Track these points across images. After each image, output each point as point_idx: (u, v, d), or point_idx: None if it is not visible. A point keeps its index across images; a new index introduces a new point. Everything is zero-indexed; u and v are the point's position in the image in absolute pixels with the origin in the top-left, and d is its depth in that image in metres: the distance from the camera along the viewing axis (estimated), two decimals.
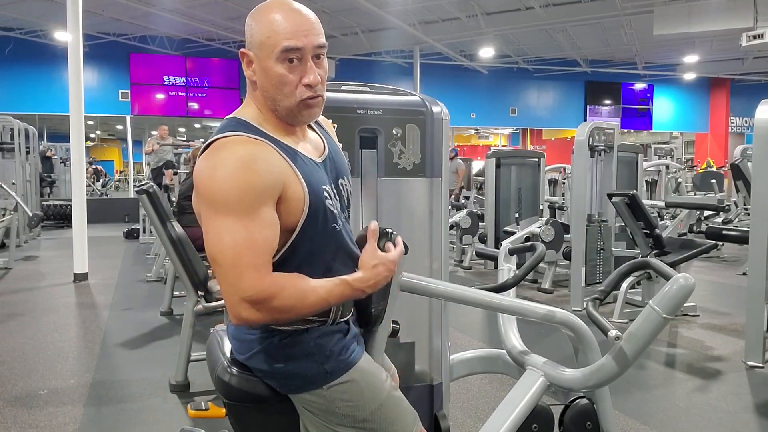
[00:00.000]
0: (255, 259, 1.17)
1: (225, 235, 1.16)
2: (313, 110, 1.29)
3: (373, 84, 2.11)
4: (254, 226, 1.17)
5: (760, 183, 3.64)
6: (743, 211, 8.07)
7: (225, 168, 1.17)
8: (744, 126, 19.13)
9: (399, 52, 15.44)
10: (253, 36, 1.25)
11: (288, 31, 1.21)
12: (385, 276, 1.31)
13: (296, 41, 1.22)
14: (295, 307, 1.21)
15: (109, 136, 25.69)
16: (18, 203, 7.57)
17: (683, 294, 1.50)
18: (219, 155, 1.20)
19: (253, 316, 1.18)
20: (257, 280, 1.16)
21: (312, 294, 1.22)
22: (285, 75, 1.23)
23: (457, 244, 7.59)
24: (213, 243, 1.18)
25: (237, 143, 1.21)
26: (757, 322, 3.62)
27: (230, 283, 1.17)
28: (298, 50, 1.22)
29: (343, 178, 1.41)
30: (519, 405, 1.77)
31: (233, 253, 1.16)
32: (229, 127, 1.26)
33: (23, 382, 3.43)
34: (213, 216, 1.18)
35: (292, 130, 1.32)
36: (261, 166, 1.18)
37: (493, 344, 2.77)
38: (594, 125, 5.29)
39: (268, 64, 1.24)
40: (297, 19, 1.23)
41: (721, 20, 10.11)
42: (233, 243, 1.16)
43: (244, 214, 1.16)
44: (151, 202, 3.46)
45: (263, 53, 1.24)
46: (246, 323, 1.21)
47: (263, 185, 1.18)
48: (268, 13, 1.25)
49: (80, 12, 6.45)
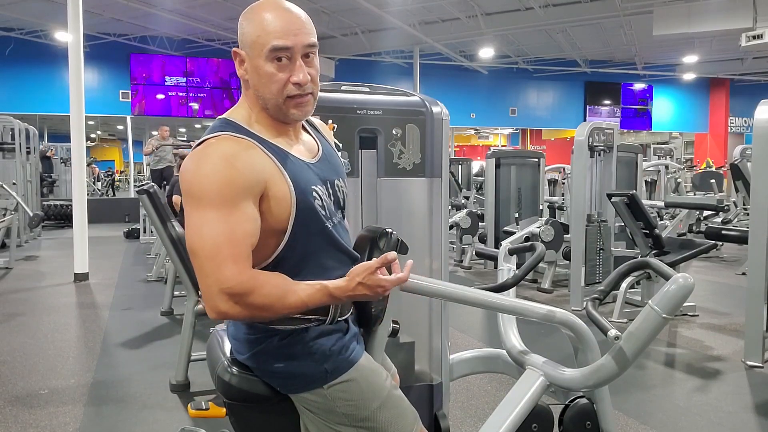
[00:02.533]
0: (234, 251, 1.18)
1: (204, 227, 1.18)
2: (303, 108, 1.30)
3: (373, 84, 2.11)
4: (234, 220, 1.18)
5: (760, 183, 3.64)
6: (742, 211, 8.07)
7: (207, 164, 1.20)
8: (743, 126, 19.13)
9: (399, 53, 15.44)
10: (245, 35, 1.28)
11: (278, 30, 1.23)
12: (364, 294, 1.26)
13: (285, 40, 1.24)
14: (273, 306, 1.21)
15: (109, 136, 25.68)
16: (18, 203, 7.58)
17: (683, 294, 1.50)
18: (203, 152, 1.23)
19: (230, 309, 1.19)
20: (236, 272, 1.17)
21: (292, 296, 1.22)
22: (274, 74, 1.25)
23: (457, 244, 7.59)
24: (192, 235, 1.19)
25: (221, 141, 1.24)
26: (756, 322, 3.62)
27: (208, 274, 1.18)
28: (287, 49, 1.24)
29: (339, 179, 1.42)
30: (519, 405, 1.77)
31: (212, 244, 1.17)
32: (217, 127, 1.28)
33: (24, 381, 3.44)
34: (194, 209, 1.20)
35: (284, 130, 1.33)
36: (243, 163, 1.20)
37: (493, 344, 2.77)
38: (594, 125, 5.29)
39: (258, 63, 1.26)
40: (287, 18, 1.25)
41: (720, 20, 10.11)
42: (213, 235, 1.17)
43: (224, 207, 1.18)
44: (152, 202, 3.47)
45: (254, 52, 1.26)
46: (222, 317, 1.21)
47: (244, 181, 1.20)
48: (259, 12, 1.27)
49: (80, 12, 6.45)
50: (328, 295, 1.25)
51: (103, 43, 13.23)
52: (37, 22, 12.26)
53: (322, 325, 1.33)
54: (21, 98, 13.13)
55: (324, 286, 1.25)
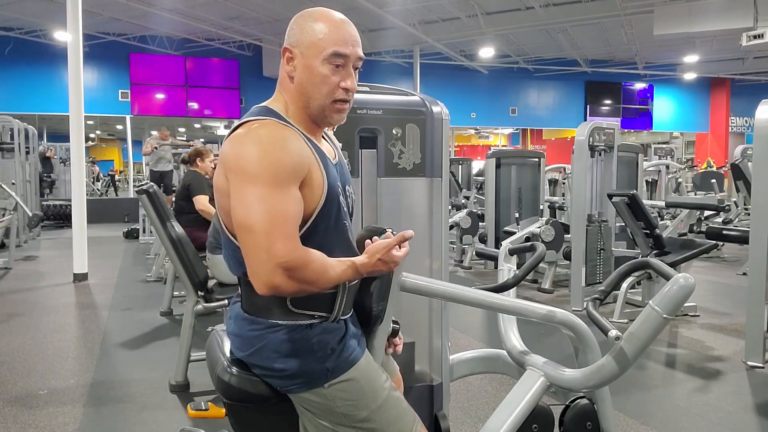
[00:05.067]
0: (288, 228, 1.23)
1: (259, 204, 1.21)
2: (341, 114, 1.38)
3: (373, 84, 2.11)
4: (285, 200, 1.23)
5: (761, 183, 3.64)
6: (743, 211, 8.07)
7: (260, 144, 1.25)
8: (744, 126, 19.13)
9: (399, 52, 15.44)
10: (304, 35, 1.34)
11: (339, 38, 1.33)
12: (382, 270, 1.37)
13: (345, 48, 1.33)
14: (318, 281, 1.27)
15: (108, 136, 25.67)
16: (18, 203, 7.57)
17: (683, 294, 1.50)
18: (253, 134, 1.27)
19: (284, 283, 1.22)
20: (291, 247, 1.22)
21: (331, 271, 1.29)
22: (328, 76, 1.33)
23: (457, 244, 7.59)
24: (244, 211, 1.22)
25: (270, 125, 1.30)
26: (757, 322, 3.62)
27: (264, 249, 1.21)
28: (345, 57, 1.33)
29: (349, 185, 1.49)
30: (519, 405, 1.77)
31: (268, 219, 1.21)
32: (260, 113, 1.34)
33: (23, 382, 3.43)
34: (246, 186, 1.23)
35: (314, 130, 1.39)
36: (292, 147, 1.27)
37: (493, 344, 2.77)
38: (594, 125, 5.29)
39: (313, 63, 1.33)
40: (348, 29, 1.36)
41: (721, 20, 10.10)
42: (267, 211, 1.21)
43: (277, 187, 1.22)
44: (151, 202, 3.46)
45: (311, 52, 1.33)
46: (275, 291, 1.24)
47: (293, 164, 1.25)
48: (321, 18, 1.35)
49: (80, 12, 6.45)
50: (355, 271, 1.34)
51: (103, 42, 13.23)
52: (36, 21, 12.26)
53: (325, 323, 1.35)
54: (20, 98, 13.13)
55: (353, 262, 1.34)
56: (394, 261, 1.36)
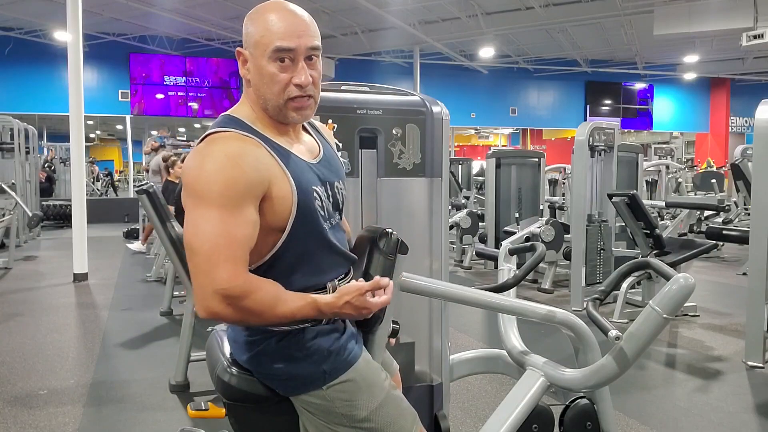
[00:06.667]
0: (232, 253, 1.17)
1: (205, 225, 1.17)
2: (302, 112, 1.30)
3: (373, 84, 2.11)
4: (235, 222, 1.18)
5: (761, 183, 3.64)
6: (743, 211, 8.07)
7: (212, 162, 1.19)
8: (744, 126, 19.13)
9: (399, 52, 15.44)
10: (249, 35, 1.28)
11: (282, 32, 1.24)
12: (349, 314, 1.28)
13: (289, 42, 1.24)
14: (263, 313, 1.21)
15: (108, 136, 25.66)
16: (18, 203, 7.57)
17: (683, 294, 1.50)
18: (208, 149, 1.22)
19: (222, 310, 1.17)
20: (232, 274, 1.17)
21: (282, 305, 1.22)
22: (276, 74, 1.26)
23: (457, 244, 7.59)
24: (191, 232, 1.19)
25: (227, 139, 1.23)
26: (757, 322, 3.62)
27: (204, 273, 1.17)
28: (290, 51, 1.25)
29: (339, 181, 1.42)
30: (519, 405, 1.77)
31: (211, 243, 1.16)
32: (221, 123, 1.28)
33: (23, 382, 3.43)
34: (195, 207, 1.19)
35: (284, 130, 1.33)
36: (248, 162, 1.20)
37: (493, 344, 2.77)
38: (594, 125, 5.28)
39: (261, 63, 1.26)
40: (291, 20, 1.26)
41: (721, 20, 10.11)
42: (212, 234, 1.16)
43: (226, 208, 1.17)
44: (151, 202, 3.46)
45: (257, 52, 1.26)
46: (213, 317, 1.20)
47: (248, 182, 1.19)
48: (264, 13, 1.27)
49: (80, 12, 6.44)
50: (316, 310, 1.25)
51: (103, 42, 13.23)
52: (36, 21, 12.26)
53: (318, 326, 1.33)
54: (20, 98, 13.13)
55: (314, 300, 1.25)
56: (365, 308, 1.26)
